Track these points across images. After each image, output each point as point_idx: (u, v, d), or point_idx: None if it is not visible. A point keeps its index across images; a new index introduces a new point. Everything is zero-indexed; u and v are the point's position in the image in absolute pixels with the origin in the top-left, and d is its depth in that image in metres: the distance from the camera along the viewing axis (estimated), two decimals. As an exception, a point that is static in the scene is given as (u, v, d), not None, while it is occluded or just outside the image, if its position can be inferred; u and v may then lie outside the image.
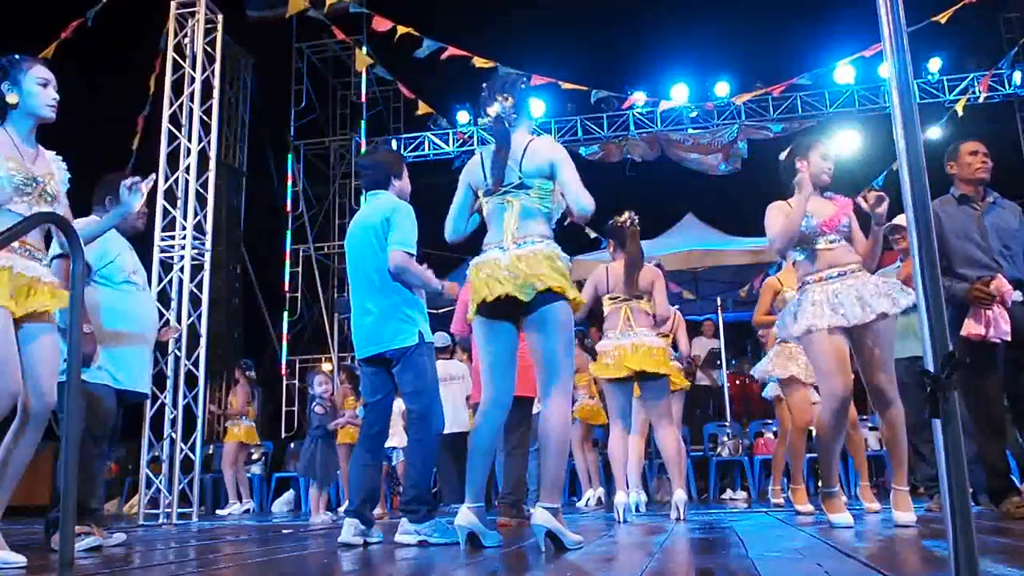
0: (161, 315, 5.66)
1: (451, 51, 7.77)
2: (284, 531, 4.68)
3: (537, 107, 11.81)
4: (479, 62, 7.58)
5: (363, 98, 13.09)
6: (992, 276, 3.50)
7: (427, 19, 8.79)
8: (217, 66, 7.15)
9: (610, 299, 4.47)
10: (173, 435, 6.32)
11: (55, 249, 3.17)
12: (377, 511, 4.60)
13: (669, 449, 4.29)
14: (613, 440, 4.48)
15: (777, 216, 3.41)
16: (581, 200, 2.82)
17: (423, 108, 8.69)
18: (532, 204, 2.85)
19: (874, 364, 3.25)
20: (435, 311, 3.45)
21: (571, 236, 9.23)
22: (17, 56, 2.82)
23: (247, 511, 7.93)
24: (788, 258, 3.77)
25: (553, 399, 2.76)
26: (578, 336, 7.29)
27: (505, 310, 2.82)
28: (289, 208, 12.87)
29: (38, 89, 2.79)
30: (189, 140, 6.83)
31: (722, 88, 11.50)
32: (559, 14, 12.79)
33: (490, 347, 2.92)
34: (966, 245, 3.65)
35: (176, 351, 6.32)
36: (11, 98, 2.75)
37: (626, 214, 4.51)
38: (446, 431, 6.10)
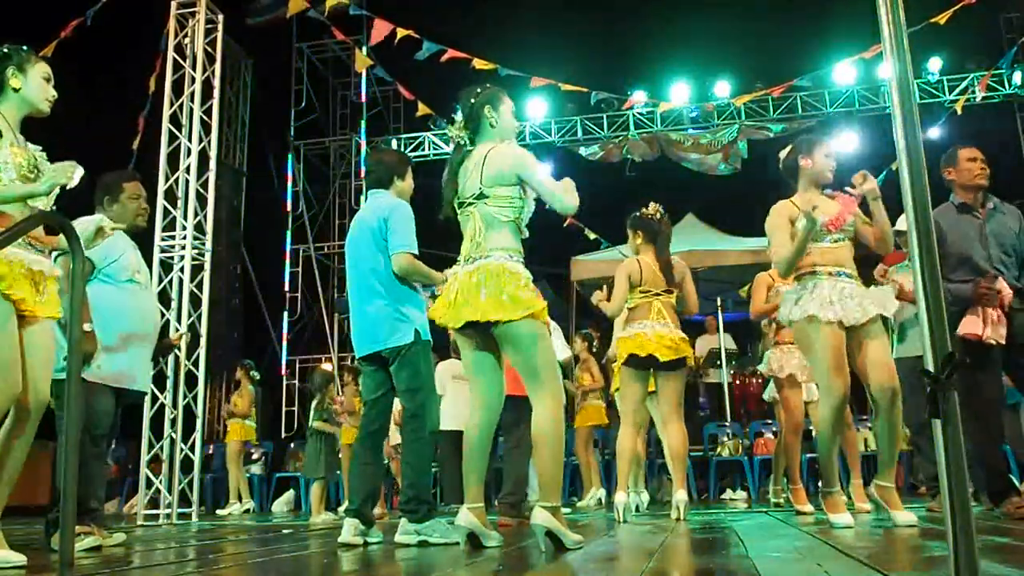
0: (161, 315, 5.66)
1: (451, 53, 7.77)
2: (284, 531, 4.68)
3: (538, 108, 11.82)
4: (479, 64, 7.58)
5: (363, 98, 13.09)
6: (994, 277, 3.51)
7: (427, 20, 8.79)
8: (217, 66, 7.15)
9: (641, 292, 4.36)
10: (173, 435, 6.32)
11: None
12: (377, 511, 4.60)
13: (676, 445, 4.24)
14: (623, 436, 4.40)
15: (782, 229, 3.38)
16: (561, 200, 2.79)
17: (423, 108, 8.70)
18: (492, 213, 2.81)
19: (875, 365, 3.26)
20: (436, 311, 3.45)
21: (571, 236, 9.28)
22: (25, 47, 2.85)
23: (247, 511, 7.93)
24: None
25: (541, 403, 2.74)
26: (585, 340, 7.29)
27: (469, 325, 2.82)
28: (289, 208, 12.87)
29: (41, 82, 2.82)
30: (189, 140, 6.83)
31: (722, 88, 11.49)
32: (559, 14, 12.78)
33: (468, 354, 2.94)
34: (966, 254, 3.64)
35: (176, 351, 6.32)
36: (15, 82, 2.76)
37: (652, 206, 4.47)
38: (453, 427, 6.09)
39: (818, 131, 10.18)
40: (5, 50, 2.78)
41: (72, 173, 2.59)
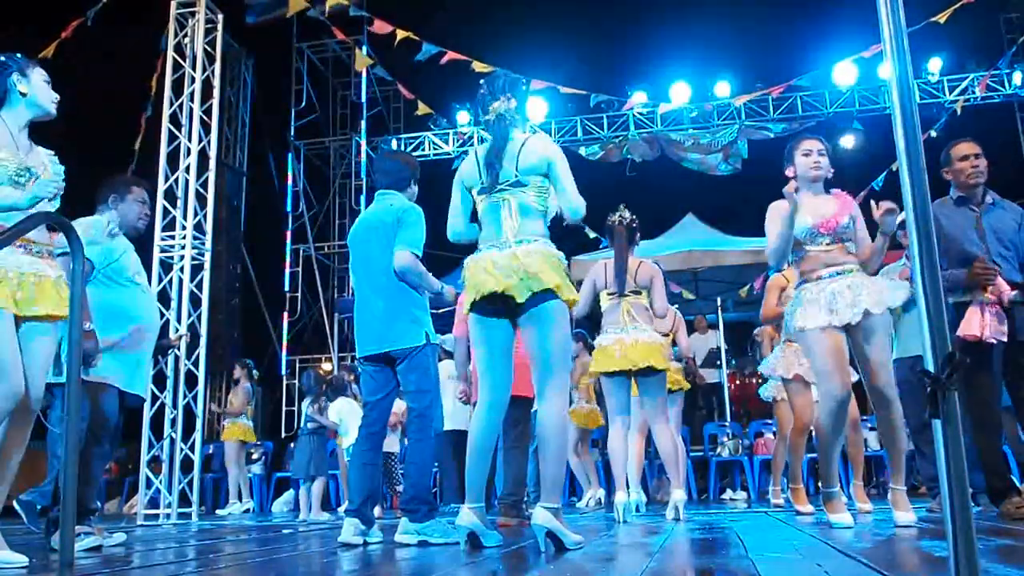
0: (161, 315, 5.67)
1: (450, 55, 7.77)
2: (284, 531, 4.68)
3: (538, 108, 11.82)
4: (478, 66, 7.58)
5: (363, 98, 13.09)
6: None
7: (427, 20, 8.80)
8: (217, 66, 7.15)
9: (608, 294, 4.47)
10: (173, 435, 6.32)
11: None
12: (376, 510, 4.61)
13: (666, 448, 4.29)
14: (613, 438, 4.45)
15: (775, 222, 3.38)
16: (573, 203, 2.87)
17: (423, 108, 8.70)
18: (529, 202, 2.85)
19: (870, 364, 3.24)
20: (436, 311, 3.45)
21: (570, 235, 9.27)
22: (19, 55, 2.89)
23: (247, 511, 7.93)
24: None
25: (550, 399, 2.75)
26: (581, 338, 7.29)
27: (499, 307, 2.82)
28: (289, 208, 12.87)
29: (44, 85, 2.86)
30: (189, 140, 6.83)
31: (722, 88, 11.50)
32: (559, 15, 12.79)
33: (485, 345, 2.91)
34: (963, 247, 3.64)
35: (176, 351, 6.32)
36: (22, 88, 2.80)
37: (619, 211, 4.55)
38: (453, 427, 6.04)
39: (811, 131, 10.18)
40: (3, 59, 2.81)
41: (55, 190, 2.60)
